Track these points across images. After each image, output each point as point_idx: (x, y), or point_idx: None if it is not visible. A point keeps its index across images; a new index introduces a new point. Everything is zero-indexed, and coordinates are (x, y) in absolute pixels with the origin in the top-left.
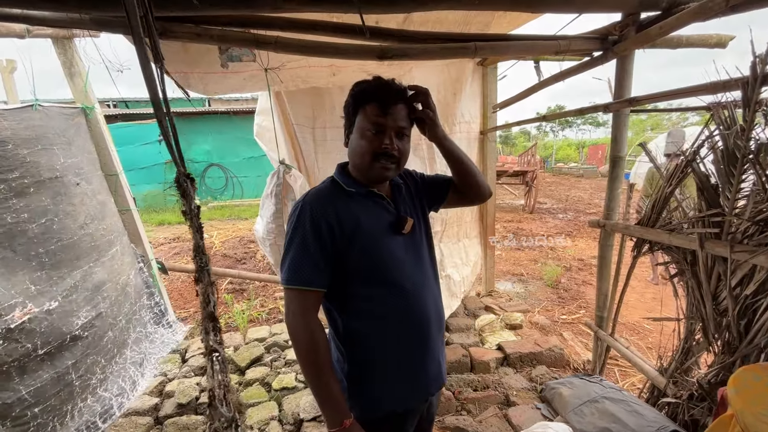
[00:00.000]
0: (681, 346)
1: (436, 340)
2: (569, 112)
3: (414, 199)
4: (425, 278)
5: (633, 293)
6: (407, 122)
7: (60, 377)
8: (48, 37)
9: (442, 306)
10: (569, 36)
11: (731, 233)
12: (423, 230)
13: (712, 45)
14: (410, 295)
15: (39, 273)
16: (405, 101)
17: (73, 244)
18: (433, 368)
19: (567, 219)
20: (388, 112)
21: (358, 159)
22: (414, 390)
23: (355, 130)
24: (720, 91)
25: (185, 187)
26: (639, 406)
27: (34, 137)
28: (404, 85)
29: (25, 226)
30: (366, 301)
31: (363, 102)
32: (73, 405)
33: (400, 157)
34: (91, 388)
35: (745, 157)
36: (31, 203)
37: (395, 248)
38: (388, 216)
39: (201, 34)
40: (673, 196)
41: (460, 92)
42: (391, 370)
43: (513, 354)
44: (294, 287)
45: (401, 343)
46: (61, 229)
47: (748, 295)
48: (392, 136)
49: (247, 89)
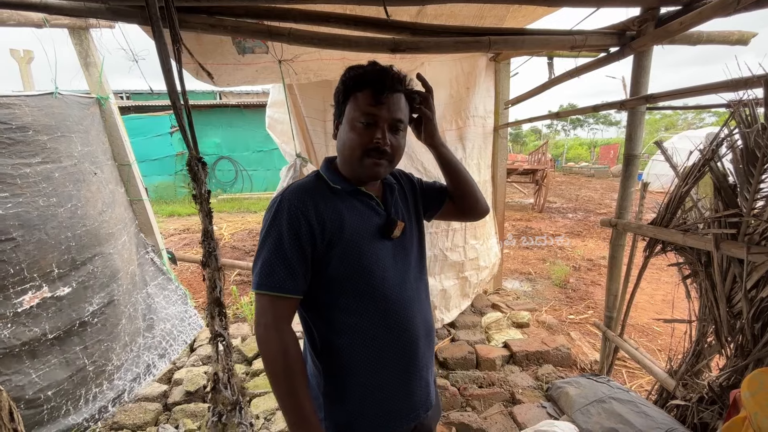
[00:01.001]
0: (692, 349)
1: (424, 357)
2: (583, 109)
3: (408, 202)
4: (414, 289)
5: (642, 294)
6: (404, 114)
7: (70, 362)
8: (65, 27)
9: (431, 317)
10: (586, 31)
11: (748, 234)
12: (416, 235)
13: (734, 42)
14: (397, 308)
15: (66, 257)
16: (403, 91)
17: (95, 230)
18: (420, 390)
19: (577, 218)
20: (382, 101)
21: (346, 153)
22: (397, 414)
23: (345, 121)
24: (741, 89)
25: (196, 171)
26: (647, 408)
27: (54, 125)
28: (406, 74)
29: (55, 210)
30: (347, 313)
31: (355, 89)
32: (87, 390)
33: (394, 154)
34: (107, 373)
35: (766, 157)
36: (58, 188)
37: (382, 255)
38: (376, 218)
39: (215, 25)
40: (688, 195)
41: (474, 86)
42: (372, 390)
43: (519, 352)
44: (265, 293)
45: (384, 360)
46: (84, 216)
47: (764, 297)
48: (385, 130)
49: (260, 81)
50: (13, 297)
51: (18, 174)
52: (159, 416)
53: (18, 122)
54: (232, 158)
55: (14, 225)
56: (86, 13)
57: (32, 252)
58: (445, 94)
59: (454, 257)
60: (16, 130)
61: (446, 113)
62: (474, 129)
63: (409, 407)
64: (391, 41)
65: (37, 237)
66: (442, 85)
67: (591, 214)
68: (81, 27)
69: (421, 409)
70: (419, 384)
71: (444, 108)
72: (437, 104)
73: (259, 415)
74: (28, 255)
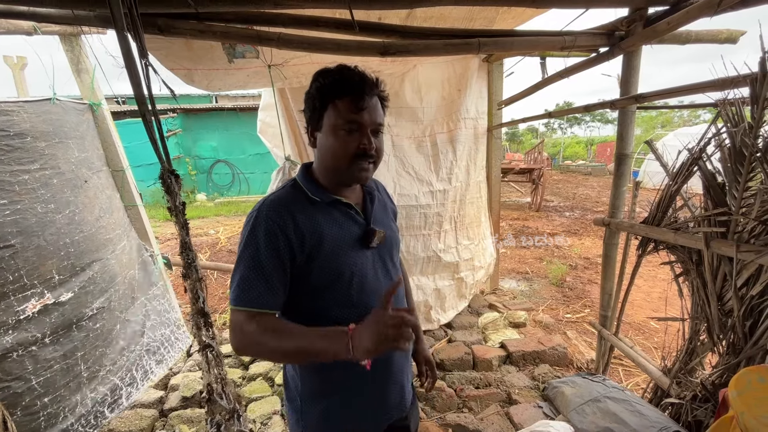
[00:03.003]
0: (685, 347)
1: (398, 362)
2: (575, 109)
3: (387, 209)
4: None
5: (639, 292)
6: (382, 118)
7: (69, 368)
8: (56, 33)
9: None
10: (575, 32)
11: (738, 233)
12: (394, 243)
13: (722, 40)
14: None
15: (66, 263)
16: (378, 94)
17: (92, 236)
18: (395, 393)
19: (574, 217)
20: (363, 107)
21: (331, 162)
22: (371, 415)
23: (326, 128)
24: (728, 88)
25: (169, 183)
26: (641, 406)
27: (52, 131)
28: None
29: (53, 216)
30: (326, 320)
31: (333, 96)
32: (83, 395)
33: (378, 156)
34: (100, 378)
35: (753, 155)
36: (57, 194)
37: (361, 264)
38: (355, 228)
39: (204, 31)
40: (678, 194)
41: (466, 88)
42: (347, 393)
43: (516, 352)
44: (243, 309)
45: (359, 371)
46: (82, 221)
47: (754, 295)
48: (369, 135)
49: (251, 86)
50: (15, 304)
51: (16, 181)
52: (155, 422)
53: (16, 129)
54: (228, 161)
55: (12, 232)
56: (75, 21)
57: (31, 258)
58: (437, 96)
59: (448, 258)
60: (15, 137)
61: (438, 116)
62: (465, 131)
63: (383, 410)
64: (380, 44)
65: (36, 243)
66: (434, 88)
67: (588, 213)
68: (72, 33)
69: (395, 411)
70: (393, 388)
71: (436, 110)
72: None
73: (255, 420)
74: (27, 261)
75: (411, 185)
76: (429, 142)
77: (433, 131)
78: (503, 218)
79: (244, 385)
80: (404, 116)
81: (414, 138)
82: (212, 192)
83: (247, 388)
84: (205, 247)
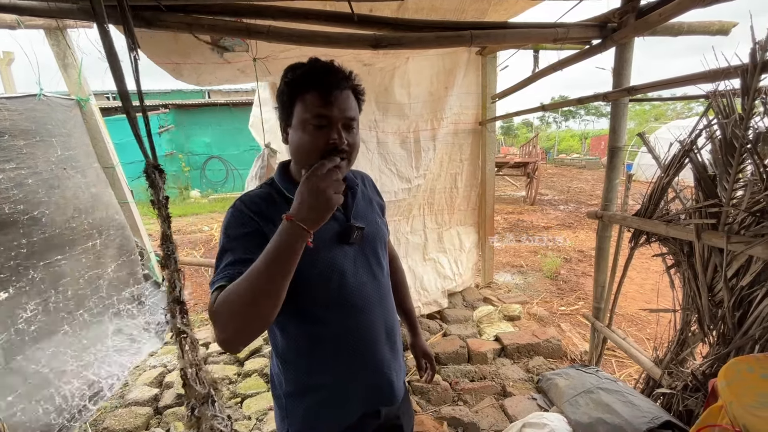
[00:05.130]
0: (677, 338)
1: (385, 358)
2: (569, 102)
3: (373, 203)
4: (375, 291)
5: (632, 284)
6: (355, 112)
7: (21, 368)
8: (40, 27)
9: (394, 319)
10: (567, 23)
11: (728, 224)
12: (378, 237)
13: (714, 32)
14: (356, 312)
15: (11, 263)
16: (350, 87)
17: (55, 236)
18: (382, 389)
19: (568, 210)
20: (331, 101)
21: (301, 157)
22: (357, 413)
23: (295, 124)
24: (719, 79)
25: (153, 178)
26: (633, 397)
27: (34, 129)
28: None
29: (18, 217)
30: (308, 318)
31: (301, 90)
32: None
33: (351, 151)
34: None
35: (743, 147)
36: (28, 195)
37: (340, 261)
38: (334, 224)
39: (192, 24)
40: (670, 186)
41: (452, 85)
42: (331, 390)
43: (510, 345)
44: (214, 289)
45: (344, 362)
46: (49, 222)
47: (744, 286)
48: (339, 129)
49: (241, 80)
50: None
51: None
52: (150, 420)
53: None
54: (222, 158)
55: None
56: (58, 14)
57: None
58: (425, 92)
59: (416, 240)
60: None
61: (423, 112)
62: (446, 128)
63: (369, 406)
64: (372, 37)
65: None
66: (422, 83)
67: (582, 206)
68: (57, 28)
69: (382, 407)
70: (381, 382)
71: (422, 106)
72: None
73: (251, 416)
74: None
75: (392, 182)
76: (412, 139)
77: (417, 128)
78: (498, 212)
79: (239, 382)
80: (392, 112)
81: (399, 134)
82: (206, 188)
83: (242, 384)
84: (200, 243)
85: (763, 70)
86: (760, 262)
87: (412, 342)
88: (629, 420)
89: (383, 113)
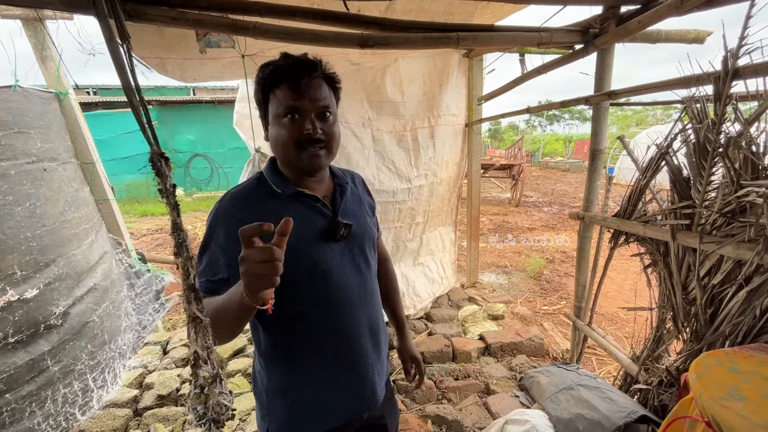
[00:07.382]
0: (653, 335)
1: (369, 358)
2: (552, 105)
3: (363, 202)
4: (361, 290)
5: (612, 284)
6: (329, 100)
7: (35, 364)
8: (17, 18)
9: (378, 319)
10: (551, 28)
11: (701, 225)
12: (366, 235)
13: (690, 40)
14: (340, 311)
15: (27, 258)
16: (323, 75)
17: (56, 230)
18: (365, 390)
19: (552, 212)
20: (301, 91)
21: (280, 151)
22: (338, 412)
23: (270, 119)
24: (693, 85)
25: (160, 166)
26: (612, 393)
27: (11, 120)
28: (321, 58)
29: (12, 209)
30: (291, 315)
31: (272, 85)
32: (54, 391)
33: (329, 140)
34: (76, 374)
35: (716, 150)
36: (14, 186)
37: (326, 258)
38: (321, 221)
39: (176, 18)
40: (648, 188)
41: (447, 84)
42: (313, 388)
43: (494, 344)
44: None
45: (326, 361)
46: (44, 215)
47: (716, 284)
48: (313, 119)
49: (227, 77)
50: None
51: None
52: (129, 422)
53: None
54: (207, 156)
55: None
56: (37, 4)
57: None
58: (418, 91)
59: (413, 246)
60: None
61: (419, 110)
62: (445, 128)
63: (351, 405)
64: (359, 36)
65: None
66: (415, 82)
67: (566, 208)
68: (35, 18)
69: (364, 408)
70: (364, 384)
71: (417, 105)
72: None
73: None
74: None
75: (391, 180)
76: (410, 137)
77: (414, 126)
78: (484, 213)
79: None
80: (385, 110)
81: (395, 132)
82: (190, 187)
83: (227, 384)
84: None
85: (734, 77)
86: (731, 262)
87: (399, 346)
88: (607, 415)
89: (377, 112)
